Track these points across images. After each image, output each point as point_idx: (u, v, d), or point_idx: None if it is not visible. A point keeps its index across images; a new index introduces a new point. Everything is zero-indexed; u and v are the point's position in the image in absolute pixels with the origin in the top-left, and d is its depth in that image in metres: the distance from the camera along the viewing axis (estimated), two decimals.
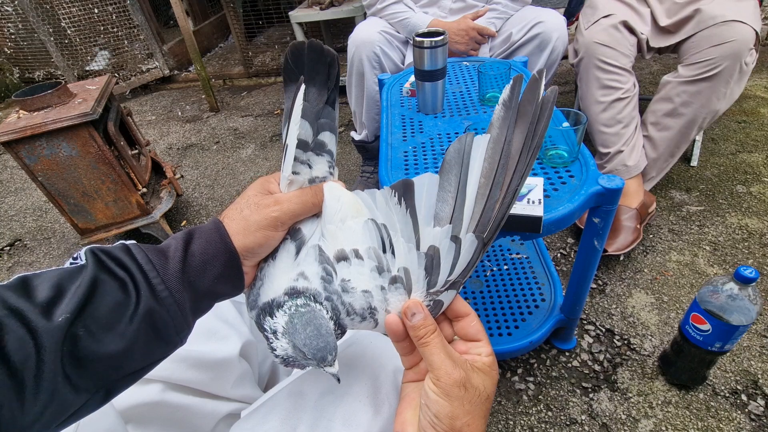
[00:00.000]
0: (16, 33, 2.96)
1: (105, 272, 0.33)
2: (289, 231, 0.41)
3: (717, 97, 1.23)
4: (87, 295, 0.32)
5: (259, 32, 3.32)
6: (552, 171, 0.82)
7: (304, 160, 0.41)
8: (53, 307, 0.31)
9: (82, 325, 0.31)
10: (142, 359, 0.35)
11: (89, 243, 1.53)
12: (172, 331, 0.36)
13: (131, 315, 0.33)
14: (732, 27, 1.15)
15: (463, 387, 0.35)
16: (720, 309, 0.84)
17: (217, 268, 0.37)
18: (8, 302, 0.30)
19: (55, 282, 0.32)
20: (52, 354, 0.30)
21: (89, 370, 0.31)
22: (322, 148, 0.41)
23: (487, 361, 0.38)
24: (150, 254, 0.35)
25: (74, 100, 1.36)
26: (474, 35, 1.47)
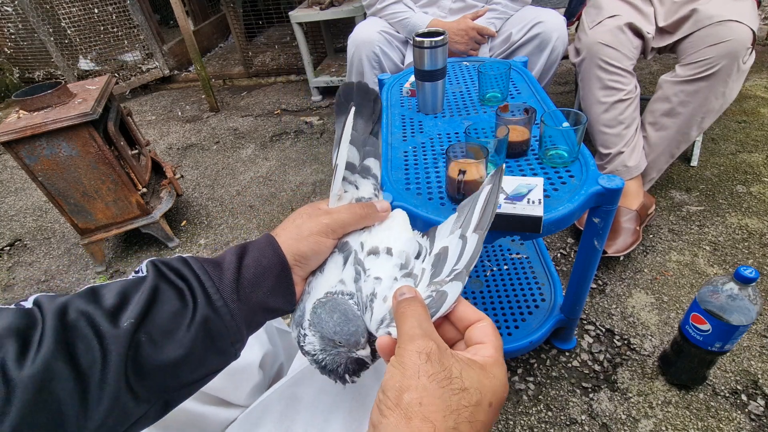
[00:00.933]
0: (16, 33, 2.96)
1: (164, 281, 0.35)
2: (337, 244, 0.42)
3: (715, 97, 1.23)
4: (149, 303, 0.33)
5: (259, 32, 3.32)
6: (552, 171, 0.82)
7: (351, 181, 0.46)
8: (119, 313, 0.32)
9: (144, 331, 0.32)
10: (199, 369, 0.36)
11: (89, 243, 1.53)
12: (227, 342, 0.37)
13: (189, 323, 0.34)
14: (729, 27, 1.15)
15: (425, 356, 0.28)
16: (720, 309, 0.84)
17: (270, 280, 0.38)
18: (79, 307, 0.32)
19: (120, 290, 0.34)
20: (117, 359, 0.31)
21: (149, 378, 0.32)
22: (368, 172, 0.46)
23: (485, 359, 0.32)
24: (206, 265, 0.37)
25: (74, 100, 1.36)
26: (474, 35, 1.47)
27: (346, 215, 0.41)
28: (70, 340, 0.30)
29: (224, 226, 1.76)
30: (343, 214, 0.41)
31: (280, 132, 2.42)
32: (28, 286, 1.62)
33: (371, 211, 0.43)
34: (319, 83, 2.64)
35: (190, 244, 1.70)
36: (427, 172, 0.87)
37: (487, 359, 0.31)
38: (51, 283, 1.61)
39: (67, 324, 0.31)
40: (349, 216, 0.41)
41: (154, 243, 1.71)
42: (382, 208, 0.44)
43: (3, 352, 0.28)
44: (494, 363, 0.31)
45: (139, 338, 0.32)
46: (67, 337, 0.30)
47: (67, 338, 0.30)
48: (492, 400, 0.29)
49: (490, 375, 0.30)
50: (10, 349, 0.28)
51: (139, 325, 0.32)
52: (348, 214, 0.42)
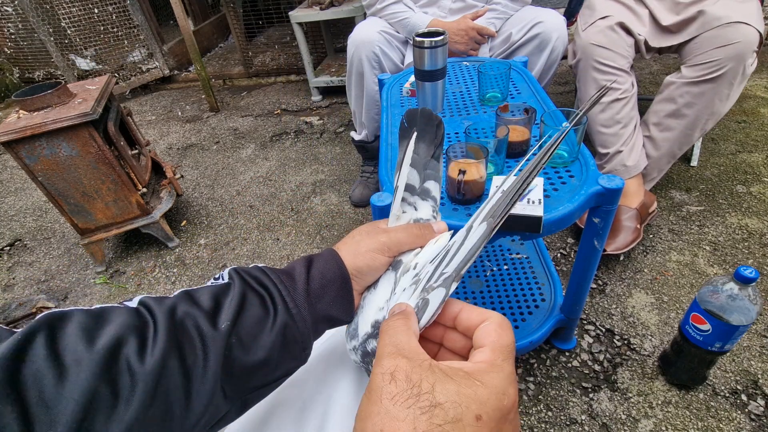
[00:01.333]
0: (16, 33, 2.96)
1: (250, 289, 0.38)
2: (392, 262, 0.43)
3: (720, 99, 1.24)
4: (239, 308, 0.36)
5: (259, 32, 3.32)
6: (552, 171, 0.82)
7: (410, 202, 0.47)
8: (216, 315, 0.35)
9: (234, 334, 0.35)
10: (274, 372, 0.38)
11: (89, 243, 1.53)
12: (299, 347, 0.39)
13: (270, 327, 0.37)
14: (736, 28, 1.15)
15: (389, 376, 0.26)
16: (720, 309, 0.84)
17: (333, 291, 0.41)
18: (183, 308, 0.35)
19: (213, 295, 0.37)
20: (215, 358, 0.33)
21: (235, 378, 0.35)
22: (427, 194, 0.47)
23: (475, 366, 0.28)
24: (281, 276, 0.40)
25: (74, 100, 1.36)
26: (474, 35, 1.47)
27: (403, 234, 0.43)
28: (178, 338, 0.33)
29: (224, 226, 1.76)
30: (399, 233, 0.43)
31: (280, 132, 2.42)
32: (28, 286, 1.62)
33: (427, 231, 0.44)
34: (319, 83, 2.64)
35: (190, 244, 1.70)
36: None
37: (479, 365, 0.28)
38: (51, 283, 1.62)
39: (176, 323, 0.33)
40: (405, 235, 0.43)
41: (154, 243, 1.71)
42: (439, 230, 0.45)
43: (127, 347, 0.30)
44: (487, 369, 0.27)
45: (231, 340, 0.34)
46: (177, 334, 0.33)
47: (177, 335, 0.33)
48: (480, 412, 0.25)
49: (477, 384, 0.26)
50: (132, 345, 0.30)
51: (232, 328, 0.35)
52: (404, 233, 0.43)
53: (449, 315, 0.35)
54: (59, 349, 0.29)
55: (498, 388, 0.26)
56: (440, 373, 0.26)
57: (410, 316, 0.33)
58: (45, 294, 1.56)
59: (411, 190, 0.47)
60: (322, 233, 1.65)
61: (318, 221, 1.71)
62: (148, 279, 1.57)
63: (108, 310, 0.33)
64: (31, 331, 0.29)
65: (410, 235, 0.43)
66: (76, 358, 0.28)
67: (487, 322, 0.32)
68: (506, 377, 0.27)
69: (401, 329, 0.31)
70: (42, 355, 0.28)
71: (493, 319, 0.32)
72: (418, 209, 0.47)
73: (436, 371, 0.27)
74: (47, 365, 0.27)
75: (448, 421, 0.24)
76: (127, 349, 0.30)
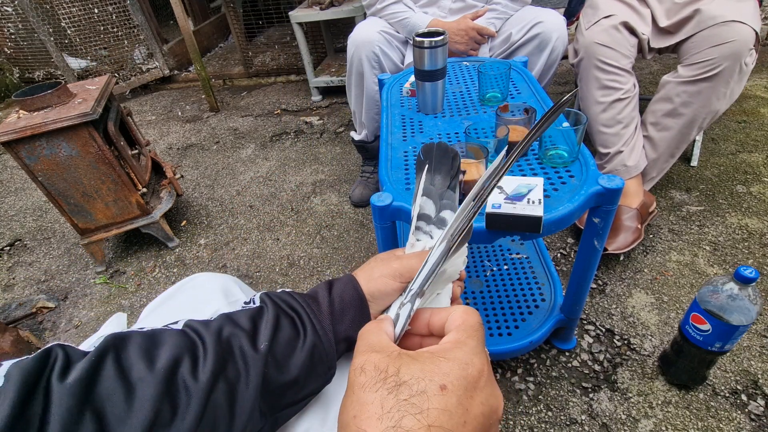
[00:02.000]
0: (16, 33, 2.96)
1: (282, 312, 0.40)
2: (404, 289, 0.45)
3: (717, 98, 1.24)
4: (274, 330, 0.38)
5: (259, 32, 3.32)
6: (552, 171, 0.82)
7: (426, 231, 0.48)
8: (255, 337, 0.38)
9: (271, 353, 0.37)
10: (303, 390, 0.40)
11: (89, 243, 1.53)
12: (326, 366, 0.41)
13: (301, 347, 0.39)
14: (732, 27, 1.15)
15: (359, 370, 0.28)
16: (720, 309, 0.84)
17: (352, 313, 0.43)
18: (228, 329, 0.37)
19: (249, 317, 0.39)
20: (255, 377, 0.35)
21: (270, 396, 0.37)
22: (443, 224, 0.48)
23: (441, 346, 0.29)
24: (307, 300, 0.42)
25: (74, 100, 1.36)
26: (474, 35, 1.47)
27: (415, 261, 0.44)
28: (225, 357, 0.35)
29: (224, 226, 1.76)
30: (412, 259, 0.44)
31: (280, 132, 2.42)
32: (28, 286, 1.62)
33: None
34: (319, 83, 2.64)
35: (190, 244, 1.70)
36: None
37: (444, 345, 0.29)
38: (51, 283, 1.62)
39: (222, 343, 0.36)
40: (417, 261, 0.43)
41: (154, 243, 1.71)
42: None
43: (183, 367, 0.33)
44: (451, 347, 0.29)
45: (268, 360, 0.37)
46: (224, 354, 0.35)
47: (224, 355, 0.35)
48: (444, 381, 0.26)
49: (440, 359, 0.27)
50: (186, 364, 0.33)
51: (270, 349, 0.37)
52: (417, 259, 0.44)
53: (422, 323, 0.35)
54: (126, 368, 0.32)
55: (461, 359, 0.27)
56: (407, 357, 0.28)
57: (385, 319, 0.34)
58: (45, 294, 1.57)
59: (426, 219, 0.48)
60: (322, 233, 1.65)
61: (318, 221, 1.71)
62: (148, 279, 1.57)
63: (160, 332, 0.36)
64: (101, 353, 0.32)
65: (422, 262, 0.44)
66: (140, 377, 0.31)
67: (453, 312, 0.33)
68: (470, 350, 0.28)
69: (373, 331, 0.32)
70: (112, 375, 0.31)
71: (459, 308, 0.33)
72: (434, 237, 0.48)
73: (403, 357, 0.28)
74: (117, 384, 0.30)
75: (413, 394, 0.25)
76: (183, 368, 0.33)
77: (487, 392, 0.28)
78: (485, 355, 0.29)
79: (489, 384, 0.28)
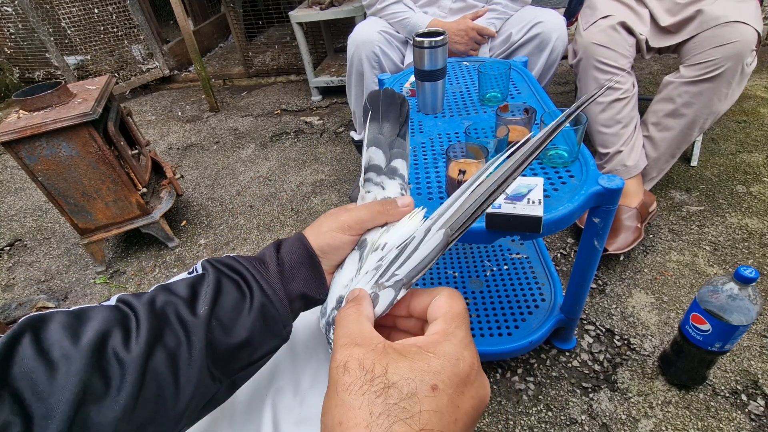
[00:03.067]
0: (16, 33, 2.96)
1: (224, 276, 0.40)
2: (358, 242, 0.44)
3: (718, 98, 1.24)
4: (215, 294, 0.38)
5: (259, 32, 3.32)
6: (552, 171, 0.82)
7: (377, 182, 0.47)
8: (194, 303, 0.37)
9: (215, 318, 0.37)
10: (258, 351, 0.40)
11: (89, 243, 1.53)
12: (280, 325, 0.41)
13: (248, 309, 0.39)
14: (734, 28, 1.15)
15: (342, 368, 0.26)
16: (720, 309, 0.84)
17: (304, 271, 0.42)
18: (162, 297, 0.37)
19: (189, 284, 0.39)
20: (198, 343, 0.35)
21: (220, 360, 0.37)
22: (395, 173, 0.48)
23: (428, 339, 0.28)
24: (253, 262, 0.42)
25: (74, 100, 1.36)
26: (474, 35, 1.47)
27: (364, 212, 0.42)
28: (160, 326, 0.35)
29: (224, 226, 1.76)
30: (360, 211, 0.43)
31: (280, 132, 2.42)
32: (28, 286, 1.62)
33: (390, 207, 0.43)
34: (319, 83, 2.64)
35: (190, 244, 1.70)
36: (427, 172, 0.87)
37: (432, 337, 0.28)
38: (51, 283, 1.62)
39: (156, 312, 0.35)
40: (366, 212, 0.42)
41: (154, 243, 1.71)
42: (404, 204, 0.43)
43: (113, 339, 0.32)
44: (440, 339, 0.27)
45: (212, 324, 0.37)
46: (159, 323, 0.35)
47: (159, 324, 0.35)
48: (435, 381, 0.25)
49: (429, 355, 0.26)
50: (117, 336, 0.33)
51: (211, 313, 0.37)
52: (365, 210, 0.43)
53: (402, 305, 0.34)
54: (45, 347, 0.30)
55: (452, 355, 0.26)
56: (394, 353, 0.26)
57: (362, 301, 0.32)
58: (45, 294, 1.56)
59: (377, 170, 0.47)
60: None
61: None
62: (148, 279, 1.57)
63: (88, 309, 0.35)
64: (15, 334, 0.30)
65: (371, 212, 0.43)
66: (64, 354, 0.30)
67: (437, 296, 0.31)
68: (459, 342, 0.27)
69: (352, 317, 0.31)
70: (29, 354, 0.29)
71: (443, 292, 0.32)
72: (386, 188, 0.47)
73: (389, 352, 0.26)
74: (36, 363, 0.29)
75: (403, 397, 0.24)
76: (113, 341, 0.32)
77: (477, 384, 0.27)
78: (473, 344, 0.29)
79: (479, 376, 0.27)
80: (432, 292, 0.32)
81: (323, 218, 0.45)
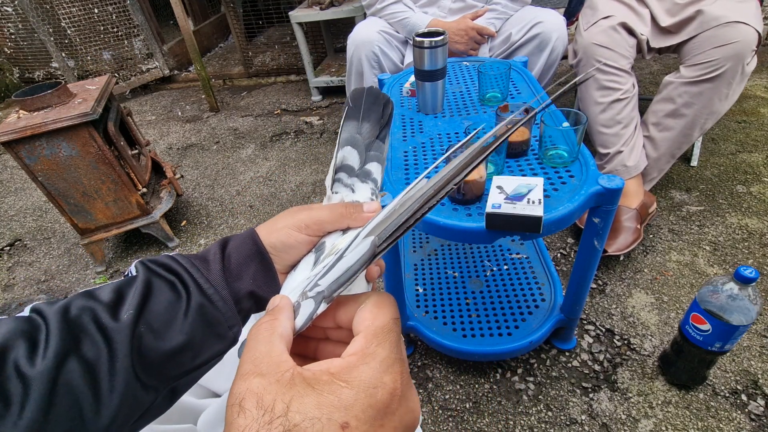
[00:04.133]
0: (16, 33, 2.96)
1: (156, 276, 0.37)
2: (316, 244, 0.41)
3: (719, 98, 1.24)
4: (144, 296, 0.35)
5: (259, 32, 3.32)
6: (552, 171, 0.82)
7: (347, 184, 0.44)
8: (117, 307, 0.34)
9: (143, 322, 0.34)
10: (201, 355, 0.37)
11: (89, 243, 1.53)
12: (225, 326, 0.38)
13: (185, 311, 0.35)
14: (735, 28, 1.15)
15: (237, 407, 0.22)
16: (720, 309, 0.84)
17: (253, 268, 0.40)
18: (79, 304, 0.33)
19: (115, 288, 0.36)
20: (122, 350, 0.32)
21: (154, 367, 0.34)
22: (368, 176, 0.44)
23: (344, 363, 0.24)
24: (192, 260, 0.39)
25: (74, 100, 1.36)
26: (473, 35, 1.47)
27: (325, 213, 0.39)
28: (75, 335, 0.31)
29: (224, 226, 1.76)
30: (322, 211, 0.39)
31: (280, 132, 2.42)
32: (28, 286, 1.62)
33: (354, 211, 0.39)
34: (319, 83, 2.64)
35: (190, 244, 1.70)
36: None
37: (349, 360, 0.24)
38: (51, 283, 1.61)
39: (70, 321, 0.32)
40: (327, 213, 0.39)
41: (154, 243, 1.71)
42: (369, 209, 0.40)
43: (15, 352, 0.29)
44: (356, 362, 0.23)
45: (140, 329, 0.33)
46: (72, 332, 0.32)
47: (73, 333, 0.31)
48: (346, 418, 0.21)
49: (340, 386, 0.22)
50: (21, 349, 0.30)
51: (138, 317, 0.34)
52: (327, 211, 0.39)
53: (328, 315, 0.30)
54: None
55: (368, 383, 0.23)
56: (301, 385, 0.22)
57: (279, 314, 0.28)
58: (45, 294, 1.56)
59: (349, 171, 0.44)
60: None
61: None
62: None
63: None
64: None
65: (333, 214, 0.39)
66: None
67: (362, 306, 0.27)
68: (379, 365, 0.23)
69: (263, 335, 0.26)
70: None
71: (369, 300, 0.28)
72: (356, 191, 0.43)
73: (296, 384, 0.22)
74: None
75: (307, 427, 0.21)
76: (15, 354, 0.29)
77: (401, 412, 0.23)
78: (399, 363, 0.24)
79: (403, 401, 0.24)
80: (358, 299, 0.28)
81: (281, 214, 0.42)
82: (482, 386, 1.07)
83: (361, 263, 0.28)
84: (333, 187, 0.44)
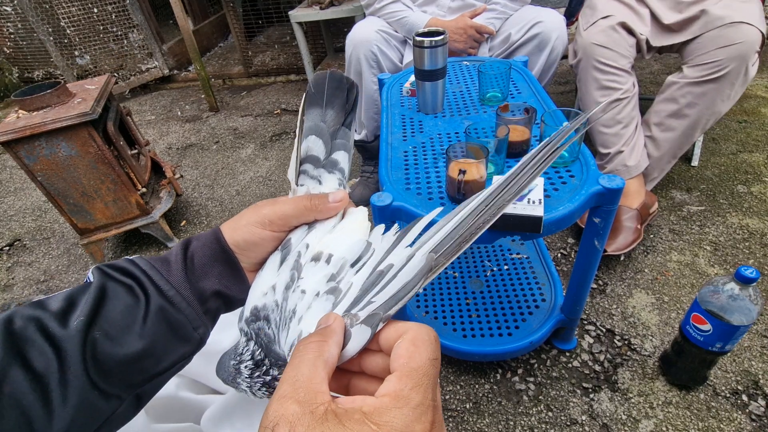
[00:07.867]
0: (16, 33, 2.95)
1: (111, 281, 0.35)
2: (282, 240, 0.40)
3: (722, 99, 1.23)
4: (97, 301, 0.33)
5: (259, 32, 3.32)
6: (552, 171, 0.81)
7: (314, 176, 0.42)
8: (67, 314, 0.33)
9: (98, 329, 0.32)
10: (165, 359, 0.36)
11: (89, 243, 1.53)
12: (189, 328, 0.37)
13: (144, 315, 0.34)
14: (739, 29, 1.15)
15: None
16: (721, 309, 0.84)
17: (218, 268, 0.38)
18: (24, 314, 0.32)
19: (66, 295, 0.34)
20: (74, 359, 0.31)
21: (114, 374, 0.32)
22: (335, 166, 0.42)
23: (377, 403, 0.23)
24: (152, 262, 0.37)
25: (73, 100, 1.36)
26: (472, 33, 1.46)
27: (289, 206, 0.38)
28: (20, 346, 0.30)
29: None
30: (286, 204, 0.38)
31: (280, 132, 2.42)
32: (27, 286, 1.61)
33: (319, 202, 0.38)
34: None
35: None
36: (427, 172, 0.87)
37: (382, 401, 0.23)
38: (50, 283, 1.61)
39: (13, 332, 0.31)
40: (291, 207, 0.38)
41: (153, 243, 1.71)
42: (335, 199, 0.39)
43: None
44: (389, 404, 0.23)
45: (93, 336, 0.32)
46: (16, 343, 0.30)
47: (17, 345, 0.30)
48: None
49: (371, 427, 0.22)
50: None
51: (90, 324, 0.32)
52: (291, 204, 0.38)
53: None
54: None
55: (398, 429, 0.22)
56: (333, 420, 0.22)
57: (330, 337, 0.27)
58: (44, 294, 1.56)
59: (315, 162, 0.42)
60: None
61: None
62: None
63: None
64: None
65: (298, 207, 0.38)
66: None
67: (401, 340, 0.26)
68: (411, 411, 0.22)
69: (309, 357, 0.25)
70: None
71: (408, 333, 0.26)
72: (323, 183, 0.41)
73: (328, 419, 0.22)
74: None
75: None
76: None
77: None
78: (432, 411, 0.23)
79: None
80: (399, 328, 0.27)
81: (245, 210, 0.40)
82: (482, 386, 1.07)
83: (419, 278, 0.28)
84: (298, 180, 0.41)
